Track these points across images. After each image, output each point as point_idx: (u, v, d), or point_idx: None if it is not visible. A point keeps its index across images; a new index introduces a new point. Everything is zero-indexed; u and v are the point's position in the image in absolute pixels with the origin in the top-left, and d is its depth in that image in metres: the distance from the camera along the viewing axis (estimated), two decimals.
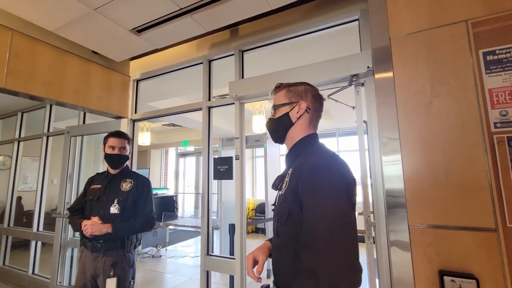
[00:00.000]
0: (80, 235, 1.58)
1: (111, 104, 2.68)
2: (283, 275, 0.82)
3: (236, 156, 2.13)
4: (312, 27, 2.01)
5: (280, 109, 0.95)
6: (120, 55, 2.49)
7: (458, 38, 1.20)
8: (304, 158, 0.83)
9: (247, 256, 0.94)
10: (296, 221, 0.77)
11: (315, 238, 0.69)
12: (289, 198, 0.80)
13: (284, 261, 0.81)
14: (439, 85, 1.21)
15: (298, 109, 0.92)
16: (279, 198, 0.88)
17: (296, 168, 0.82)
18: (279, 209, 0.84)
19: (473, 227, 1.10)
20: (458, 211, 1.12)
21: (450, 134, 1.17)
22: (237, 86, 2.10)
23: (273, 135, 0.99)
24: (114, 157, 1.63)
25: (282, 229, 0.82)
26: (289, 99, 0.94)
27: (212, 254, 2.20)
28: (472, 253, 1.08)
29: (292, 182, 0.80)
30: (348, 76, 1.73)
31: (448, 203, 1.14)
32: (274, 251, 0.88)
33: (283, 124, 0.93)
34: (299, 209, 0.77)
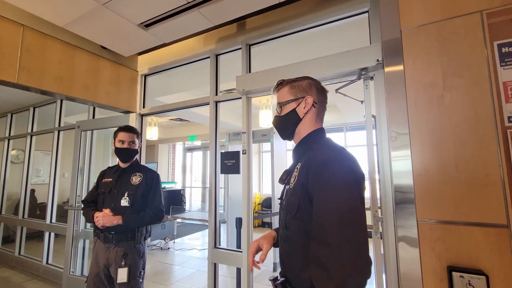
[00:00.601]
0: (93, 226, 1.63)
1: (119, 99, 2.71)
2: (291, 268, 0.82)
3: (243, 150, 2.13)
4: (321, 20, 1.98)
5: (287, 106, 0.94)
6: (128, 50, 2.51)
7: (472, 29, 1.17)
8: (313, 153, 0.83)
9: (251, 243, 0.96)
10: (305, 214, 0.78)
11: (326, 232, 0.70)
12: (299, 192, 0.80)
13: (293, 254, 0.81)
14: (452, 78, 1.18)
15: (304, 104, 0.91)
16: (287, 192, 0.89)
17: (305, 163, 0.82)
18: (287, 202, 0.85)
19: (483, 223, 1.08)
20: (468, 206, 1.11)
21: (462, 128, 1.15)
22: (244, 80, 2.10)
23: (281, 132, 0.99)
24: (123, 151, 1.67)
25: (291, 222, 0.82)
26: (294, 95, 0.93)
27: (220, 247, 2.23)
28: (482, 249, 1.07)
29: (302, 176, 0.80)
30: (357, 69, 1.70)
31: (458, 199, 1.12)
32: (281, 243, 0.89)
33: (291, 120, 0.93)
34: (308, 203, 0.77)
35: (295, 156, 0.94)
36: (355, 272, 0.66)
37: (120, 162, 1.72)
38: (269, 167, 4.58)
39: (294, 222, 0.81)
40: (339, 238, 0.68)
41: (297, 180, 0.82)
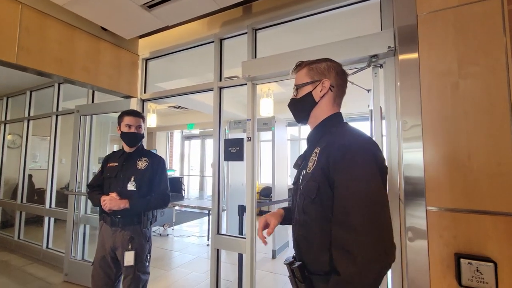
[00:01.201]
0: (99, 210, 1.62)
1: (120, 83, 2.65)
2: (309, 251, 0.82)
3: (247, 137, 2.12)
4: (331, 4, 1.92)
5: (303, 88, 0.92)
6: (129, 33, 2.43)
7: (491, 15, 1.14)
8: (333, 137, 0.81)
9: (259, 218, 0.97)
10: (324, 199, 0.77)
11: (349, 216, 0.69)
12: (318, 176, 0.79)
13: (311, 238, 0.81)
14: (468, 66, 1.16)
15: (321, 87, 0.89)
16: (304, 176, 0.87)
17: (324, 147, 0.81)
18: (306, 187, 0.83)
19: (493, 212, 1.09)
20: (479, 195, 1.11)
21: (476, 117, 1.13)
22: (250, 66, 2.05)
23: (296, 115, 0.97)
24: (131, 135, 1.64)
25: (309, 207, 0.81)
26: (311, 77, 0.91)
27: (223, 233, 2.25)
28: (491, 237, 1.08)
29: (321, 161, 0.79)
30: (367, 56, 1.67)
31: (468, 187, 1.13)
32: (297, 227, 0.89)
33: (306, 104, 0.91)
34: (328, 188, 0.76)
35: (312, 140, 0.93)
36: (379, 256, 0.66)
37: (125, 146, 1.70)
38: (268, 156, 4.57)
39: (313, 207, 0.80)
40: (362, 222, 0.67)
41: (316, 165, 0.81)
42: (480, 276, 1.06)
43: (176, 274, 3.25)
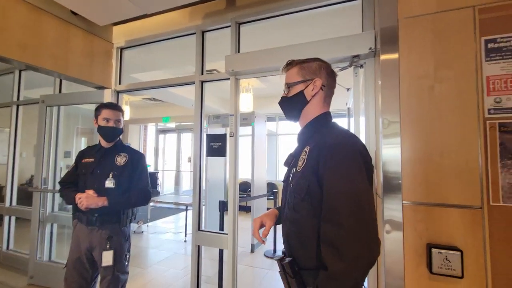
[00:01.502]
0: (73, 208, 1.52)
1: (93, 73, 2.48)
2: (299, 247, 0.84)
3: (230, 133, 2.10)
4: (313, 3, 1.94)
5: (295, 87, 0.93)
6: (103, 19, 2.28)
7: (465, 23, 1.22)
8: (323, 137, 0.83)
9: (254, 219, 0.99)
10: (313, 196, 0.79)
11: (337, 214, 0.72)
12: (308, 175, 0.80)
13: (302, 235, 0.83)
14: (443, 70, 1.25)
15: (313, 86, 0.91)
16: (294, 175, 0.89)
17: (314, 146, 0.82)
18: (296, 185, 0.85)
19: (461, 205, 1.19)
20: (449, 190, 1.21)
21: (448, 118, 1.22)
22: (233, 61, 2.02)
23: (287, 113, 0.98)
24: (109, 129, 1.55)
25: (300, 205, 0.83)
26: (302, 76, 0.92)
27: (203, 229, 2.22)
28: (458, 228, 1.18)
29: (311, 160, 0.81)
30: (349, 56, 1.72)
31: (440, 183, 1.22)
32: (287, 224, 0.90)
33: (298, 102, 0.92)
34: (317, 186, 0.78)
35: (302, 139, 0.94)
36: (364, 252, 0.69)
37: (102, 141, 1.60)
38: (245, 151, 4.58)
39: (303, 205, 0.82)
40: (350, 220, 0.70)
41: (306, 163, 0.82)
42: (448, 264, 1.16)
43: (153, 271, 3.17)
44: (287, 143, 7.40)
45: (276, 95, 6.44)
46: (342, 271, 0.68)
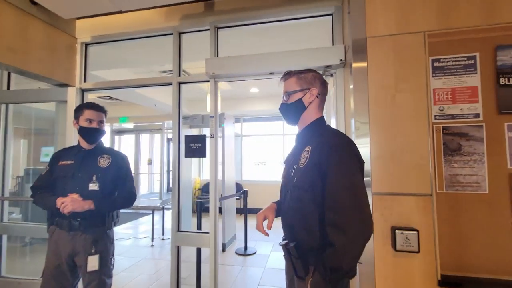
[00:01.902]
0: (49, 214, 1.42)
1: (55, 69, 2.29)
2: (304, 232, 0.97)
3: (211, 134, 2.15)
4: (289, 15, 2.11)
5: (294, 95, 1.05)
6: (69, 12, 2.13)
7: (417, 45, 1.50)
8: (324, 138, 0.97)
9: (258, 214, 1.10)
10: (316, 189, 0.93)
11: (341, 202, 0.87)
12: (311, 170, 0.94)
13: (306, 221, 0.96)
14: (401, 82, 1.50)
15: (310, 95, 1.05)
16: (297, 170, 1.01)
17: (316, 146, 0.96)
18: (300, 179, 0.97)
19: (416, 193, 1.45)
20: (408, 181, 1.46)
21: (406, 122, 1.48)
22: (213, 64, 2.08)
23: (287, 118, 1.11)
24: (92, 131, 1.48)
25: (304, 196, 0.96)
26: (300, 86, 1.06)
27: (183, 230, 2.23)
28: (415, 212, 1.44)
29: (315, 157, 0.94)
30: (322, 66, 1.92)
31: (401, 176, 1.47)
32: (290, 214, 1.02)
33: (297, 108, 1.05)
34: (319, 179, 0.92)
35: (302, 140, 1.07)
36: (363, 231, 0.85)
37: (83, 143, 1.52)
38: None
39: (307, 195, 0.95)
40: (349, 206, 0.86)
41: (309, 161, 0.96)
42: (408, 242, 1.41)
43: (121, 279, 3.01)
44: (252, 144, 7.58)
45: (242, 97, 6.52)
46: (346, 245, 0.83)
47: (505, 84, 1.46)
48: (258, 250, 3.84)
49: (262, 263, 3.40)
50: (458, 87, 1.53)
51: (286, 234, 1.07)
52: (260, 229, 1.06)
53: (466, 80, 1.52)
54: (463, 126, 1.51)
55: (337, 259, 0.83)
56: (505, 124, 1.46)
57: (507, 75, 1.46)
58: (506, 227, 1.46)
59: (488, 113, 1.49)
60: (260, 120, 7.37)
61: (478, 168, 1.48)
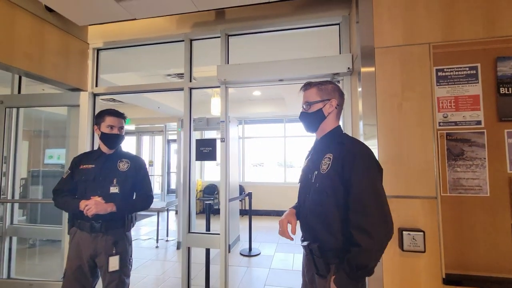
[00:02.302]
0: (70, 216, 1.48)
1: (69, 74, 2.35)
2: (326, 234, 1.04)
3: (222, 138, 2.22)
4: (298, 24, 2.19)
5: (315, 105, 1.13)
6: (84, 19, 2.19)
7: (423, 55, 1.58)
8: (344, 146, 1.04)
9: (281, 220, 1.16)
10: (338, 193, 1.00)
11: (365, 206, 0.94)
12: (333, 176, 1.01)
13: (328, 224, 1.03)
14: (408, 91, 1.59)
15: (329, 105, 1.12)
16: (318, 176, 1.08)
17: (338, 154, 1.03)
18: (322, 185, 1.04)
19: (422, 196, 1.53)
20: (413, 185, 1.54)
21: (412, 129, 1.56)
22: (225, 71, 2.16)
23: (307, 126, 1.18)
24: (113, 137, 1.55)
25: (326, 201, 1.03)
26: (321, 97, 1.13)
27: (194, 231, 2.29)
28: (420, 214, 1.52)
29: (337, 164, 1.01)
30: (331, 73, 2.01)
31: (407, 179, 1.55)
32: (313, 217, 1.09)
33: (317, 118, 1.12)
34: (340, 185, 1.00)
35: (320, 147, 1.14)
36: (386, 232, 0.94)
37: (103, 147, 1.58)
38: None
39: (329, 200, 1.02)
40: (374, 209, 0.94)
41: (331, 167, 1.03)
42: (415, 242, 1.49)
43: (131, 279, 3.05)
44: (251, 146, 7.65)
45: (245, 100, 6.58)
46: (372, 246, 0.91)
47: (505, 94, 1.56)
48: (262, 251, 3.91)
49: (267, 264, 3.46)
50: (461, 95, 1.62)
51: (306, 235, 1.14)
52: (286, 234, 1.12)
53: (468, 89, 1.61)
54: (466, 132, 1.60)
55: (364, 258, 0.92)
56: (505, 131, 1.56)
57: (507, 85, 1.56)
58: (506, 228, 1.54)
59: (489, 120, 1.59)
60: (261, 122, 7.45)
61: (479, 172, 1.57)
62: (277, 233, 1.25)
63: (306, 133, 1.24)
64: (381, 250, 0.93)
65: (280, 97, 5.64)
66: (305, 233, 1.15)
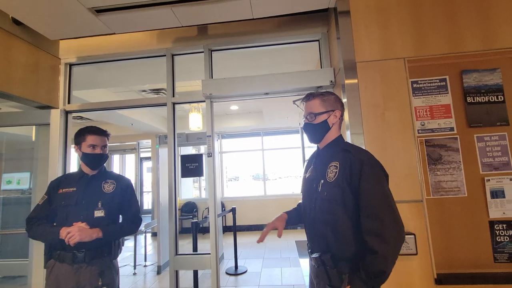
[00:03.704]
0: (47, 247, 1.32)
1: (39, 91, 2.18)
2: (336, 243, 1.03)
3: (208, 153, 2.17)
4: (280, 40, 2.27)
5: (320, 116, 1.14)
6: (57, 33, 2.07)
7: (400, 69, 1.71)
8: (351, 154, 1.06)
9: (268, 224, 1.19)
10: (346, 202, 1.01)
11: (378, 211, 0.96)
12: (342, 184, 1.02)
13: (339, 232, 1.03)
14: (389, 101, 1.70)
15: (334, 116, 1.14)
16: (324, 184, 1.08)
17: (345, 162, 1.04)
18: (331, 193, 1.04)
19: (409, 200, 1.61)
20: (401, 190, 1.62)
21: (395, 136, 1.66)
22: (210, 85, 2.15)
23: (312, 136, 1.18)
24: (96, 157, 1.42)
25: (336, 209, 1.03)
26: (325, 108, 1.15)
27: (181, 253, 2.16)
28: (410, 218, 1.59)
29: (345, 173, 1.02)
30: (314, 86, 2.09)
31: (395, 184, 1.61)
32: (321, 226, 1.07)
33: (322, 129, 1.14)
34: (349, 193, 1.01)
35: (326, 156, 1.15)
36: (399, 237, 0.95)
37: (85, 168, 1.45)
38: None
39: (339, 208, 1.02)
40: (387, 214, 0.96)
41: (339, 175, 1.04)
42: (407, 245, 1.54)
43: None
44: (229, 161, 7.58)
45: (222, 114, 6.54)
46: (388, 251, 0.92)
47: (472, 102, 1.73)
48: (248, 268, 3.79)
49: (255, 281, 3.36)
50: (434, 105, 1.76)
51: (314, 245, 1.12)
52: (263, 234, 1.17)
53: (440, 99, 1.77)
54: (442, 138, 1.73)
55: (381, 264, 0.92)
56: (475, 135, 1.72)
57: (472, 95, 1.73)
58: (484, 225, 1.67)
59: (460, 126, 1.74)
60: (238, 136, 7.44)
61: (457, 174, 1.70)
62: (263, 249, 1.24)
63: (284, 145, 1.25)
64: (396, 254, 0.94)
65: (258, 110, 5.71)
66: (313, 244, 1.13)
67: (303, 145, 3.65)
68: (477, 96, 1.72)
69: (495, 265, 1.64)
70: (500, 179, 1.65)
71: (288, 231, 5.63)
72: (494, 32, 1.69)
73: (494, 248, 1.63)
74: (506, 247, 1.62)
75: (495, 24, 1.69)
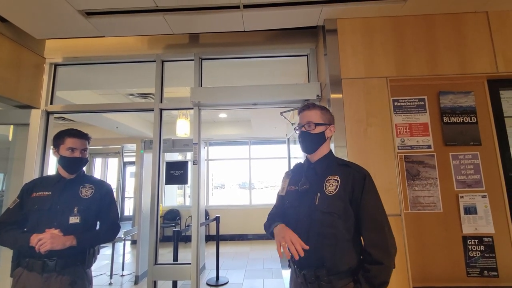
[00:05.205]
0: (15, 254, 1.24)
1: (19, 89, 2.11)
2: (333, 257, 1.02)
3: (194, 161, 2.16)
4: (270, 53, 2.32)
5: (319, 127, 1.15)
6: (44, 32, 2.04)
7: (382, 87, 1.79)
8: (351, 169, 1.10)
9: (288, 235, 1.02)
10: (347, 215, 1.03)
11: (380, 224, 1.02)
12: (344, 197, 1.04)
13: (338, 246, 1.03)
14: (371, 117, 1.76)
15: (329, 131, 1.18)
16: (324, 198, 1.06)
17: (347, 176, 1.07)
18: (332, 206, 1.04)
19: (388, 214, 1.62)
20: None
21: (377, 151, 1.72)
22: (199, 93, 2.15)
23: (308, 145, 1.17)
24: (74, 161, 1.37)
25: (337, 222, 1.03)
26: (324, 121, 1.17)
27: (161, 263, 2.10)
28: None
29: (347, 186, 1.05)
30: (301, 99, 2.14)
31: None
32: (319, 239, 1.04)
33: (319, 140, 1.16)
34: (349, 206, 1.04)
35: (321, 169, 1.15)
36: (395, 246, 1.02)
37: (63, 172, 1.39)
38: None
39: (339, 222, 1.03)
40: (387, 227, 1.02)
41: (340, 189, 1.05)
42: None
43: None
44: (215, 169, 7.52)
45: (210, 122, 6.51)
46: (391, 262, 0.98)
47: (448, 122, 1.82)
48: (230, 279, 3.72)
49: None
50: (414, 123, 1.85)
51: (303, 260, 1.03)
52: (299, 248, 0.98)
53: (419, 118, 1.85)
54: (420, 155, 1.81)
55: (385, 275, 0.97)
56: (450, 153, 1.80)
57: (448, 115, 1.83)
58: (457, 240, 1.74)
59: (437, 144, 1.83)
60: (225, 144, 7.42)
61: (433, 190, 1.77)
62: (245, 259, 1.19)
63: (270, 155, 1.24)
64: (394, 265, 1.00)
65: (247, 119, 5.75)
66: (303, 258, 1.01)
67: (289, 155, 3.69)
68: (452, 116, 1.82)
69: (468, 279, 1.70)
70: (472, 196, 1.74)
71: (271, 241, 5.59)
72: (470, 57, 1.81)
73: (467, 263, 1.70)
74: (478, 261, 1.69)
75: (471, 50, 1.81)
